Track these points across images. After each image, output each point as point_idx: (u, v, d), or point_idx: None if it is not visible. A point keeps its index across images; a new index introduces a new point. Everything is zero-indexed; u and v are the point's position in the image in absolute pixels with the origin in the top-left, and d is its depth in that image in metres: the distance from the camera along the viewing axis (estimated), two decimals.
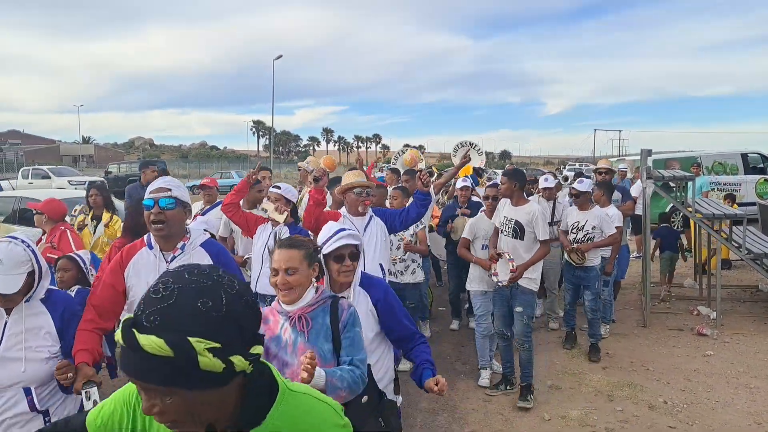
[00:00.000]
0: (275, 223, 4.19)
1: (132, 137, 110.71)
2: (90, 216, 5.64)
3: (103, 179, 25.91)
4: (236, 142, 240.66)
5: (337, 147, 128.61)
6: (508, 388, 4.76)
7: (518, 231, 4.51)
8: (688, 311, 7.02)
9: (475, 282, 4.97)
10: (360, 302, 2.55)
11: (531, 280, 4.54)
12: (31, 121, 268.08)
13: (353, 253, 2.54)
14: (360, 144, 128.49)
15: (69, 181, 23.78)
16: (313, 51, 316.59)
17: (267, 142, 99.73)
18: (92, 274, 3.74)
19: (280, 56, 38.94)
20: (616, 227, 5.63)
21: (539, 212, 4.52)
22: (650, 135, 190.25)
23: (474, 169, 7.75)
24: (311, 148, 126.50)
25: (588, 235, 5.53)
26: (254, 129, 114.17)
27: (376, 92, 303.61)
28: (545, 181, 6.41)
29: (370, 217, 4.17)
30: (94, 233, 5.56)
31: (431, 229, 6.19)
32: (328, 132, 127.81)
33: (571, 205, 5.96)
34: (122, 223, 5.18)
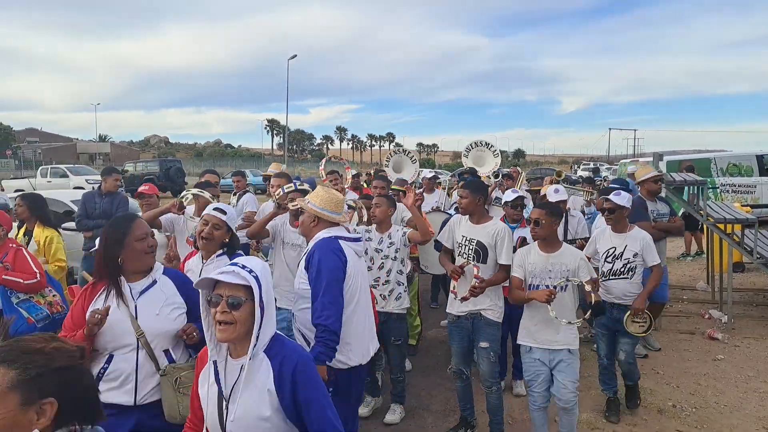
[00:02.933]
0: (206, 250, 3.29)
1: (147, 135, 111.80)
2: (23, 231, 4.89)
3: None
4: (251, 140, 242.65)
5: (350, 146, 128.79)
6: (468, 431, 4.13)
7: (480, 253, 3.86)
8: (699, 314, 7.03)
9: (523, 334, 3.76)
10: (257, 377, 1.87)
11: (495, 310, 3.88)
12: (49, 120, 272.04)
13: (235, 298, 1.82)
14: (374, 143, 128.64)
15: (86, 180, 24.00)
16: (328, 49, 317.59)
17: (281, 140, 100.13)
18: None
19: (295, 56, 39.20)
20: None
21: (506, 232, 3.87)
22: (667, 134, 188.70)
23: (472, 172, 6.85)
24: (325, 146, 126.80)
25: (629, 265, 4.35)
26: (268, 128, 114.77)
27: (391, 91, 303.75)
28: (555, 194, 5.12)
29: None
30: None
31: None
32: (341, 130, 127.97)
33: (587, 219, 5.02)
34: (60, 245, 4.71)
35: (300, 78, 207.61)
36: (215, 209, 3.29)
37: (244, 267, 1.86)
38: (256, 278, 1.85)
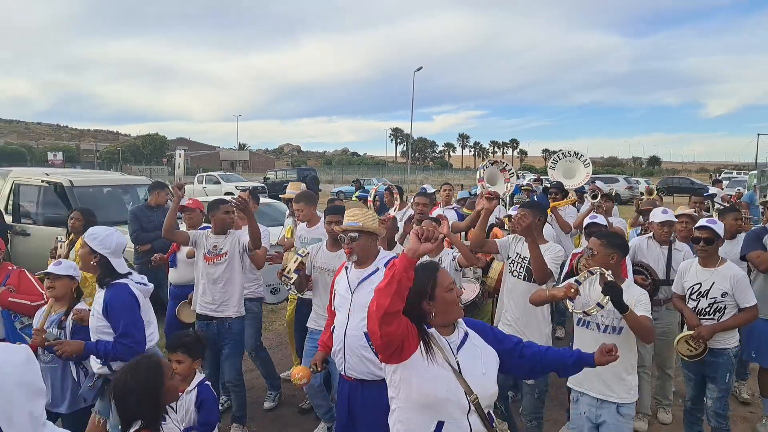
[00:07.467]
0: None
1: (281, 144, 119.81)
2: (69, 240, 5.04)
3: (263, 185, 28.88)
4: (375, 148, 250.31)
5: (472, 153, 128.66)
6: None
7: (531, 273, 3.61)
8: None
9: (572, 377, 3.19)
10: None
11: (540, 341, 3.52)
12: (196, 129, 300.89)
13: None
14: (496, 149, 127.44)
15: (236, 186, 26.39)
16: (455, 56, 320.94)
17: (404, 148, 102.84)
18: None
19: (420, 68, 40.20)
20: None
21: (563, 255, 3.77)
22: None
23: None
24: (446, 154, 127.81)
25: (716, 305, 3.75)
26: (392, 136, 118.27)
27: (518, 96, 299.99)
28: (664, 214, 4.47)
29: (375, 270, 3.08)
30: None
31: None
32: (464, 138, 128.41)
33: (694, 254, 4.17)
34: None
35: (426, 86, 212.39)
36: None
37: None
38: None
